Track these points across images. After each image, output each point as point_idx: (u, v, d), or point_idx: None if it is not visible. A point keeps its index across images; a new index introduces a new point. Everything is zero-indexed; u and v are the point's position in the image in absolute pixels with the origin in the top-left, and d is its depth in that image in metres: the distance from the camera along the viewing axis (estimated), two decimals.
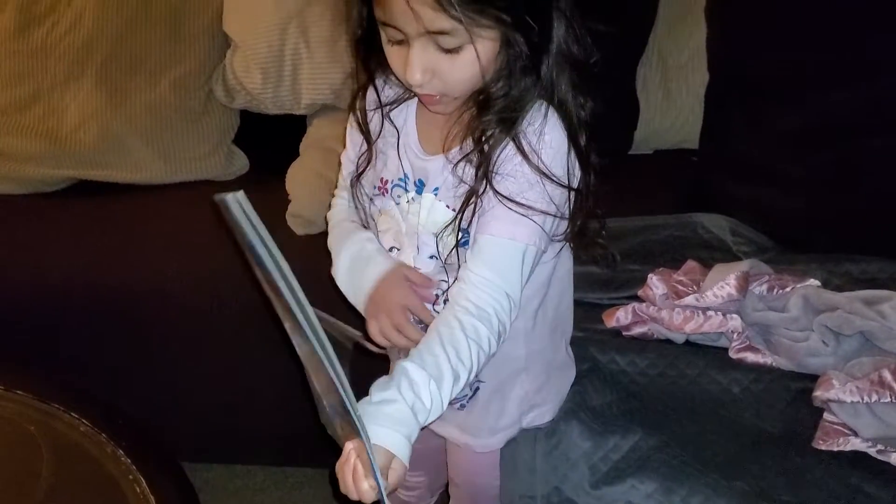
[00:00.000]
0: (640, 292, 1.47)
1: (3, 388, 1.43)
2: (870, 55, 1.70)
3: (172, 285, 1.76)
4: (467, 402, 1.18)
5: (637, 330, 1.42)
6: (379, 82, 1.09)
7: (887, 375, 1.22)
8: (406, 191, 1.09)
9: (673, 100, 2.05)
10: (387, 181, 1.11)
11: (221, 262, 1.65)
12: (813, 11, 1.81)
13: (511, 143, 0.99)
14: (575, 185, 1.02)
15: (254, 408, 1.85)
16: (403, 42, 0.95)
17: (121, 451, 1.31)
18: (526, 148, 0.98)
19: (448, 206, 1.05)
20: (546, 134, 0.99)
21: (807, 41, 1.78)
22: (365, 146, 1.13)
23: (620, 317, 1.43)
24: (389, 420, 0.89)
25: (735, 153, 1.83)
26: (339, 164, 1.22)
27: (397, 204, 1.10)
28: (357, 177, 1.14)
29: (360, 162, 1.13)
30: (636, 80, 2.06)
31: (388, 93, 1.11)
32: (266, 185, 1.93)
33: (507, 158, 1.00)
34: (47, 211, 1.97)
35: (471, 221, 1.02)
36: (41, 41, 2.05)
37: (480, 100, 1.00)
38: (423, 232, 1.07)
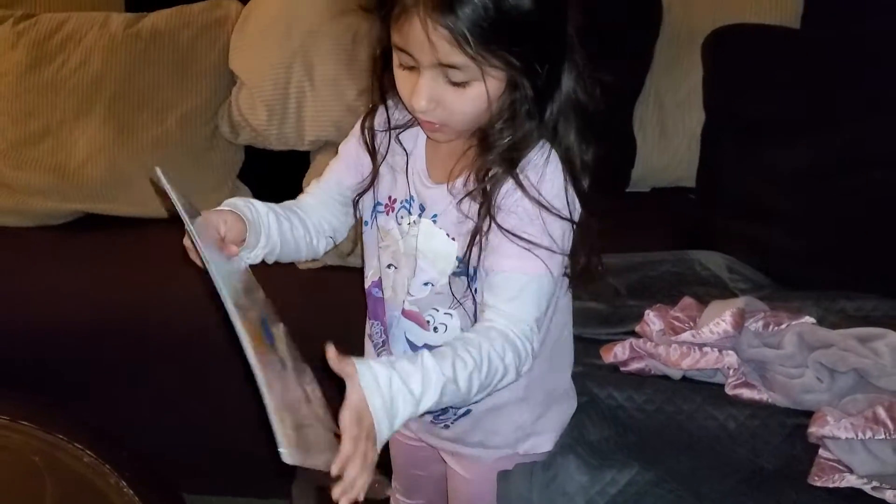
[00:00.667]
0: (637, 328, 1.48)
1: (8, 418, 1.45)
2: (860, 95, 1.74)
3: (178, 318, 1.78)
4: (451, 423, 1.19)
5: (634, 365, 1.44)
6: (390, 103, 1.13)
7: (881, 412, 1.23)
8: (409, 213, 1.11)
9: (669, 138, 2.08)
10: (395, 200, 1.13)
11: None
12: (805, 53, 1.86)
13: (511, 180, 1.01)
14: (575, 219, 1.04)
15: (258, 440, 1.85)
16: (414, 69, 0.97)
17: (124, 482, 1.32)
18: (526, 184, 1.01)
19: (448, 235, 1.07)
20: (547, 172, 1.02)
21: (799, 82, 1.82)
22: (364, 165, 1.15)
23: (618, 352, 1.45)
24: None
25: (731, 191, 1.86)
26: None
27: (398, 224, 1.13)
28: (360, 195, 1.16)
29: (365, 179, 1.15)
30: (633, 118, 2.10)
31: (399, 115, 1.13)
32: None
33: (508, 193, 1.02)
34: (53, 244, 1.99)
35: (478, 259, 1.04)
36: (51, 78, 2.09)
37: (483, 138, 1.03)
38: (422, 257, 1.09)
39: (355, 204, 1.18)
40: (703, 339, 1.40)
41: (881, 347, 1.33)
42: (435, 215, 1.08)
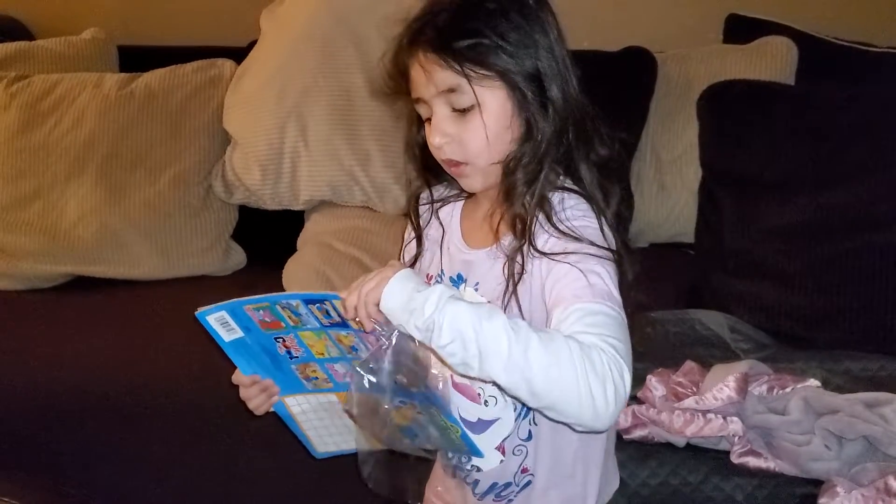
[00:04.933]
0: (639, 394, 1.45)
1: None
2: (857, 152, 1.73)
3: (171, 381, 1.75)
4: (514, 496, 1.14)
5: (637, 433, 1.41)
6: (432, 181, 1.16)
7: (893, 483, 1.20)
8: None
9: (667, 193, 2.07)
10: (431, 277, 1.14)
11: (219, 358, 1.64)
12: (801, 109, 1.85)
13: (541, 224, 1.01)
14: (615, 249, 1.00)
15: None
16: (431, 118, 1.03)
17: None
18: (555, 218, 1.00)
19: (489, 302, 1.04)
20: (567, 202, 1.02)
21: (795, 139, 1.81)
22: (412, 245, 1.18)
23: (620, 420, 1.42)
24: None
25: (730, 248, 1.84)
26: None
27: None
28: (411, 266, 1.17)
29: (409, 255, 1.18)
30: (630, 173, 2.09)
31: (438, 194, 1.17)
32: (264, 280, 1.93)
33: (551, 244, 1.00)
34: (44, 307, 1.97)
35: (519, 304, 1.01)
36: (43, 139, 2.08)
37: (506, 167, 1.03)
38: None
39: None
40: (707, 406, 1.37)
41: (889, 413, 1.31)
42: (477, 283, 1.08)
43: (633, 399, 1.46)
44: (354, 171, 2.01)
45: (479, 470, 1.12)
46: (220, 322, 1.04)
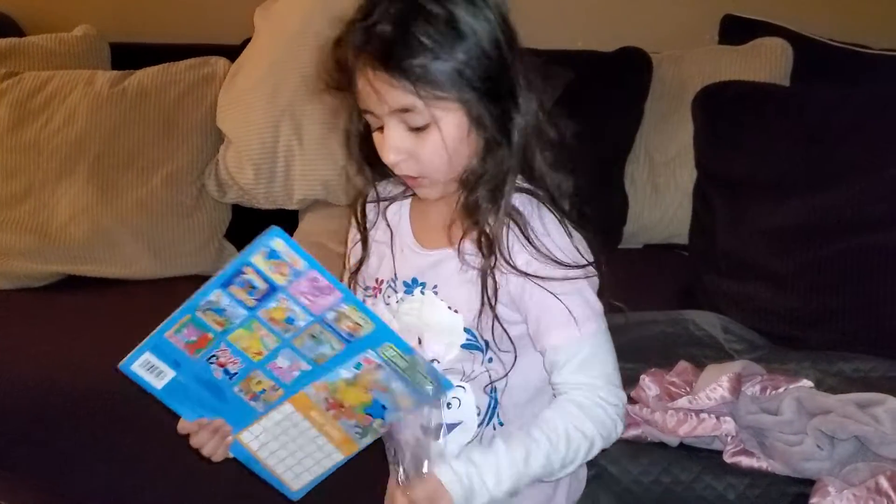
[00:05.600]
0: (632, 393, 1.45)
1: None
2: (851, 153, 1.73)
3: None
4: None
5: (630, 432, 1.40)
6: (376, 178, 1.10)
7: (884, 483, 1.20)
8: (395, 291, 1.08)
9: (661, 195, 2.07)
10: (382, 281, 1.10)
11: None
12: (795, 110, 1.85)
13: (516, 237, 0.99)
14: (590, 259, 1.02)
15: None
16: (383, 127, 0.97)
17: None
18: (532, 236, 0.99)
19: (450, 308, 1.04)
20: (548, 227, 1.00)
21: (789, 140, 1.81)
22: (357, 246, 1.13)
23: None
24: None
25: (724, 249, 1.84)
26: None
27: (387, 305, 1.09)
28: (354, 273, 1.13)
29: (355, 258, 1.13)
30: (624, 175, 2.09)
31: (384, 190, 1.12)
32: None
33: (516, 252, 0.99)
34: (35, 306, 1.95)
35: (491, 330, 1.01)
36: (34, 137, 2.07)
37: (465, 180, 1.00)
38: (426, 331, 1.05)
39: (351, 283, 1.14)
40: (700, 406, 1.37)
41: (881, 414, 1.31)
42: (436, 287, 1.05)
43: (627, 398, 1.46)
44: (349, 170, 2.00)
45: None
46: (147, 368, 0.99)
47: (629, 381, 1.48)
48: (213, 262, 2.05)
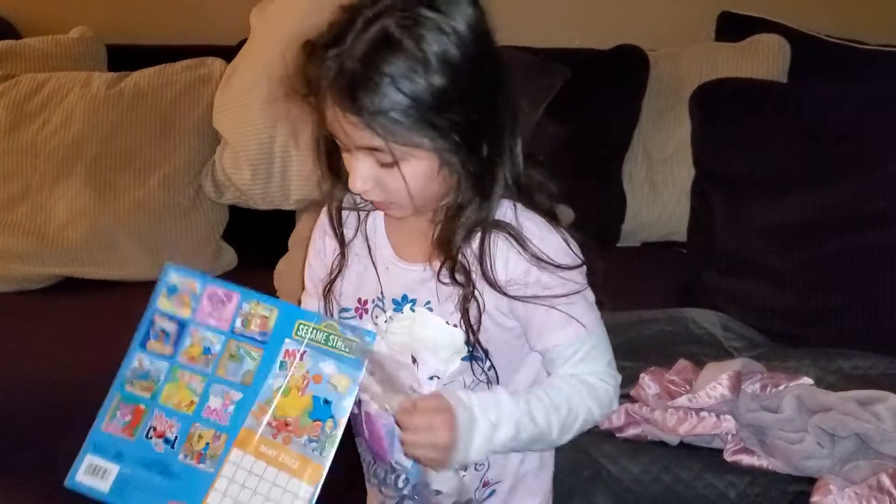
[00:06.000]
0: (632, 392, 1.45)
1: None
2: (848, 150, 1.73)
3: None
4: None
5: (630, 431, 1.40)
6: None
7: (886, 481, 1.20)
8: (383, 311, 1.05)
9: (659, 193, 2.07)
10: (366, 301, 1.06)
11: None
12: (793, 107, 1.85)
13: (506, 246, 0.98)
14: (582, 258, 1.00)
15: None
16: (350, 150, 0.94)
17: None
18: (520, 246, 0.97)
19: (448, 323, 1.01)
20: (524, 223, 0.98)
21: (787, 137, 1.81)
22: (329, 257, 1.09)
23: (613, 418, 1.41)
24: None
25: (722, 246, 1.84)
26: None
27: (375, 325, 1.05)
28: (330, 283, 1.08)
29: (332, 267, 1.08)
30: (622, 172, 2.08)
31: (360, 199, 1.06)
32: (254, 280, 1.90)
33: (516, 266, 0.98)
34: (33, 309, 1.94)
35: (476, 336, 1.00)
36: (31, 139, 2.06)
37: (438, 210, 0.99)
38: (422, 348, 1.02)
39: (325, 299, 1.09)
40: (700, 404, 1.37)
41: (882, 411, 1.30)
42: (428, 302, 1.02)
43: (627, 398, 1.46)
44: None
45: (439, 493, 1.08)
46: (91, 472, 0.96)
47: (629, 379, 1.48)
48: (210, 263, 2.05)
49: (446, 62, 0.87)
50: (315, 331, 0.97)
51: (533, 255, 0.97)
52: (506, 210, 0.99)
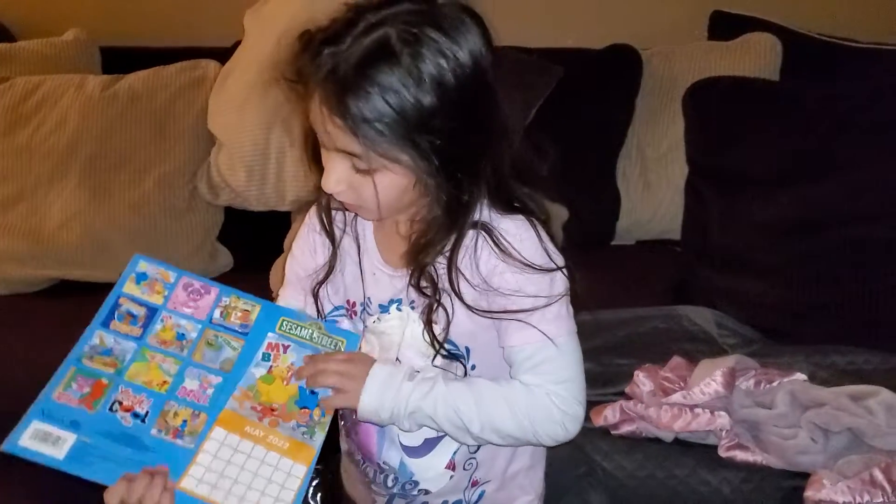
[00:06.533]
0: (627, 389, 1.46)
1: None
2: (841, 148, 1.73)
3: None
4: None
5: (625, 428, 1.40)
6: None
7: (878, 475, 1.20)
8: (370, 314, 1.06)
9: (653, 191, 2.07)
10: (354, 303, 1.08)
11: None
12: (786, 105, 1.86)
13: (487, 252, 0.98)
14: (560, 263, 1.00)
15: None
16: (329, 149, 0.94)
17: None
18: (496, 247, 0.97)
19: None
20: (503, 223, 0.98)
21: (780, 134, 1.82)
22: (319, 254, 1.10)
23: (608, 415, 1.42)
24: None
25: (717, 244, 1.85)
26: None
27: (365, 326, 1.07)
28: (319, 284, 1.09)
29: (324, 265, 1.09)
30: (616, 171, 2.09)
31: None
32: (250, 281, 1.91)
33: (494, 272, 0.98)
34: (28, 312, 1.94)
35: (445, 336, 1.01)
36: (26, 141, 2.06)
37: (413, 221, 0.99)
38: (405, 347, 1.04)
39: (315, 296, 1.10)
40: (695, 400, 1.38)
41: (874, 406, 1.31)
42: (413, 301, 1.03)
43: (622, 394, 1.46)
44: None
45: (427, 493, 1.09)
46: (39, 438, 0.90)
47: (624, 376, 1.49)
48: (206, 264, 2.05)
49: (440, 85, 0.86)
50: (299, 328, 0.98)
51: (508, 254, 0.97)
52: (484, 208, 0.99)
